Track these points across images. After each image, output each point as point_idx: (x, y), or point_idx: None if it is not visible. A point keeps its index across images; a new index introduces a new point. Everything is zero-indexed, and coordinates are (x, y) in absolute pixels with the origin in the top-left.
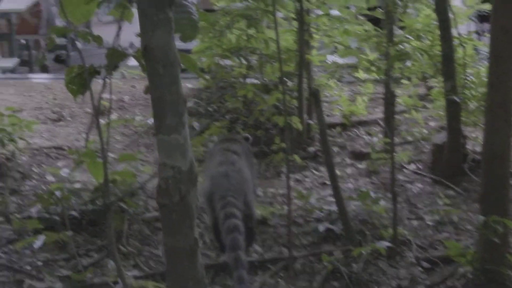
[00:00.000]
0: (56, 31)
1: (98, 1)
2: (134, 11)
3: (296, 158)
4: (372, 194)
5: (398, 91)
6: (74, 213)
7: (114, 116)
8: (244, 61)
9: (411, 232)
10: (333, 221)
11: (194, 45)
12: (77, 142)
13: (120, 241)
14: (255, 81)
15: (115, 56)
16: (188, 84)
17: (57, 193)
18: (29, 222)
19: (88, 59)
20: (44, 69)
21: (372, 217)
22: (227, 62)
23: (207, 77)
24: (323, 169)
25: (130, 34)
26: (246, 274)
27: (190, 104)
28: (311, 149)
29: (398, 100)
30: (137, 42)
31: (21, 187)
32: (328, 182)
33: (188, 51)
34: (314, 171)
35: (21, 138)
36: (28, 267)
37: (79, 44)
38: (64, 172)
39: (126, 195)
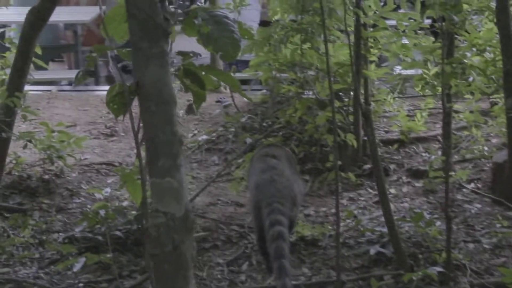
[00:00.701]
0: (97, 50)
1: None
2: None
3: (351, 176)
4: (427, 216)
5: (458, 107)
6: (118, 233)
7: None
8: (299, 76)
9: (466, 256)
10: (385, 243)
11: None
12: (128, 158)
13: None
14: (312, 96)
15: None
16: (245, 98)
17: (101, 212)
18: (62, 246)
19: None
20: (111, 81)
21: (426, 239)
22: (285, 76)
23: (264, 91)
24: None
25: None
26: (291, 283)
27: (244, 119)
28: (367, 166)
29: (459, 115)
30: (179, 60)
31: (68, 205)
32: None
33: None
34: (369, 190)
35: (69, 155)
36: None
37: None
38: (106, 191)
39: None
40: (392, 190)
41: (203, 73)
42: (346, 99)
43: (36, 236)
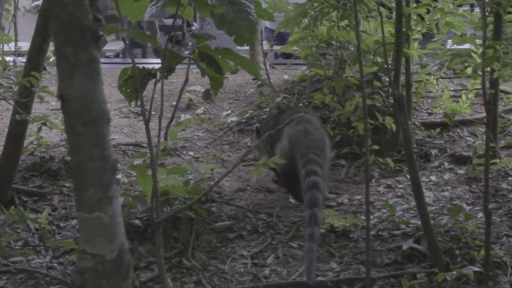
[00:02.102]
0: (108, 31)
1: None
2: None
3: (389, 161)
4: (466, 208)
5: (506, 88)
6: (137, 221)
7: (200, 110)
8: (337, 54)
9: (508, 252)
10: (420, 237)
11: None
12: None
13: (185, 254)
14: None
15: (170, 59)
16: (285, 75)
17: (120, 198)
18: (64, 242)
19: None
20: (158, 53)
21: (464, 234)
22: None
23: (304, 68)
24: (419, 174)
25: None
26: (319, 232)
27: (279, 99)
28: None
29: (508, 96)
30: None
31: None
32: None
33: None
34: (408, 176)
35: None
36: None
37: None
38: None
39: (195, 201)
40: (433, 177)
41: (220, 57)
42: (387, 79)
43: (53, 222)
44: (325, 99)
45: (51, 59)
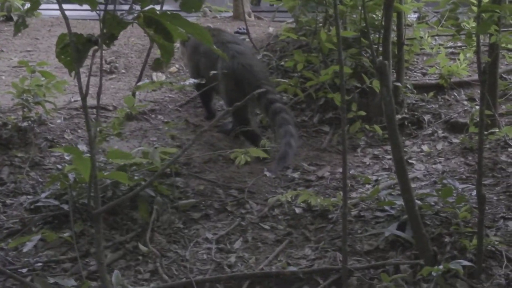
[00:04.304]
0: None
1: None
2: None
3: (377, 128)
4: (459, 187)
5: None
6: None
7: (174, 68)
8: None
9: (504, 238)
10: (405, 221)
11: None
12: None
13: (143, 238)
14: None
15: (112, 24)
16: (270, 28)
17: (71, 175)
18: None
19: None
20: None
21: (455, 219)
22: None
23: (291, 21)
24: (409, 142)
25: None
26: (296, 143)
27: (259, 56)
28: (397, 117)
29: (510, 54)
30: None
31: (45, 159)
32: (412, 161)
33: None
34: None
35: (47, 101)
36: (24, 270)
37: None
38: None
39: (152, 180)
40: (425, 147)
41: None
42: (376, 36)
43: (0, 199)
44: (298, 67)
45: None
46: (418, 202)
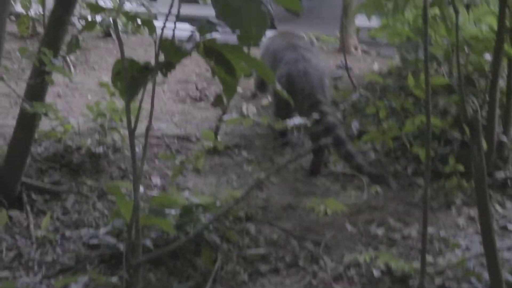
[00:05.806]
0: (93, 8)
1: None
2: None
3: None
4: None
5: None
6: (148, 242)
7: (266, 101)
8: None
9: None
10: None
11: None
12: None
13: None
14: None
15: (171, 53)
16: (375, 64)
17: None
18: (57, 283)
19: None
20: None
21: None
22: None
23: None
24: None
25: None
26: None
27: (355, 96)
28: (500, 174)
29: None
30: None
31: None
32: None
33: None
34: (497, 207)
35: (113, 129)
36: None
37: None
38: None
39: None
40: None
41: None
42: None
43: (59, 230)
44: (380, 114)
45: None
46: (510, 277)
